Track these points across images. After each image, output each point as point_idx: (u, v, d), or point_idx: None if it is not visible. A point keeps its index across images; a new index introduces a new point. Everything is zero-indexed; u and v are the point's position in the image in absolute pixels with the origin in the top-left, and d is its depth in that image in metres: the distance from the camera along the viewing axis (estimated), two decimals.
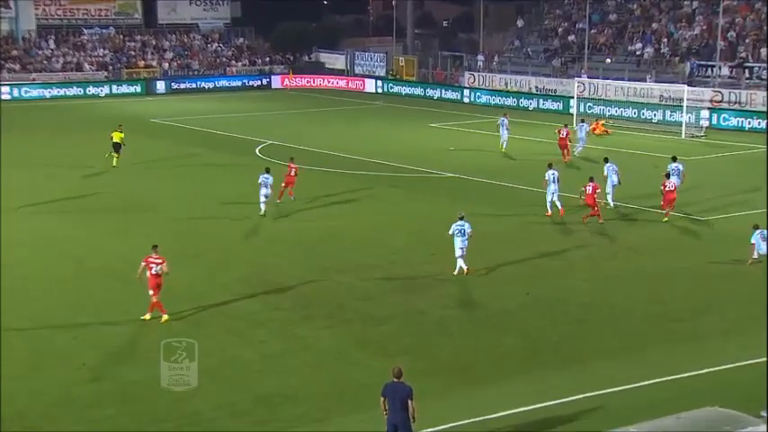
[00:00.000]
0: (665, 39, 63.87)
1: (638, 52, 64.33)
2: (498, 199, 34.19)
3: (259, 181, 31.12)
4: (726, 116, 52.73)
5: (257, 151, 44.44)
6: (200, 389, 17.16)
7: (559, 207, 30.72)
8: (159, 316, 20.84)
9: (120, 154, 39.90)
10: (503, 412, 16.36)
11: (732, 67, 57.98)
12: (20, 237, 28.04)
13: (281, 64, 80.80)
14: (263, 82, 77.77)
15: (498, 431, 15.96)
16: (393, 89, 73.00)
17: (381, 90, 73.50)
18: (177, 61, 77.59)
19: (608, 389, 17.30)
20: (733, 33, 60.21)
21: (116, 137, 40.15)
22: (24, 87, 68.15)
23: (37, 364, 18.63)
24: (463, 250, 24.20)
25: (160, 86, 73.18)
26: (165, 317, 20.80)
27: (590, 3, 66.90)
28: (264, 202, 31.12)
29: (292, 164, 33.39)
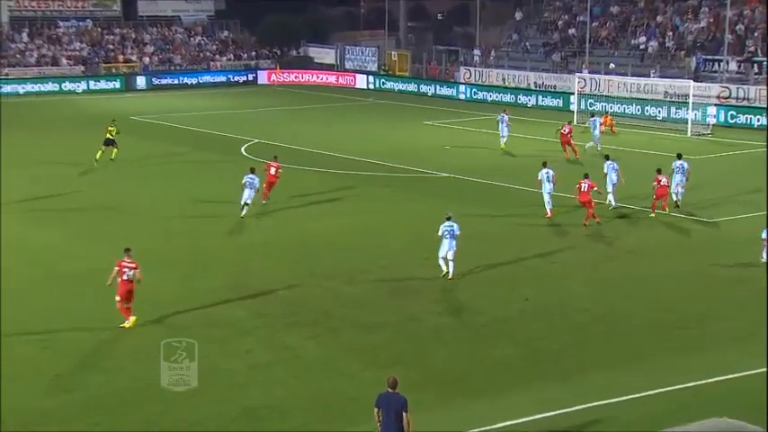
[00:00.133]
0: (670, 32, 64.02)
1: (641, 46, 64.47)
2: (495, 199, 34.22)
3: (243, 181, 30.76)
4: (733, 113, 52.85)
5: (243, 150, 44.39)
6: (182, 400, 17.12)
7: (548, 208, 30.79)
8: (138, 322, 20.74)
9: (107, 149, 40.29)
10: (500, 424, 16.33)
11: (740, 62, 58.15)
12: None
13: (268, 59, 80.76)
14: (249, 77, 77.75)
15: None
16: (385, 85, 73.03)
17: (373, 86, 73.51)
18: (158, 56, 77.46)
19: (610, 399, 17.28)
20: (741, 26, 60.35)
21: (110, 132, 40.65)
22: None
23: (7, 374, 18.50)
24: (452, 253, 24.14)
25: (140, 82, 73.05)
26: (133, 319, 20.70)
27: None
28: (247, 206, 30.71)
29: (273, 162, 33.00)
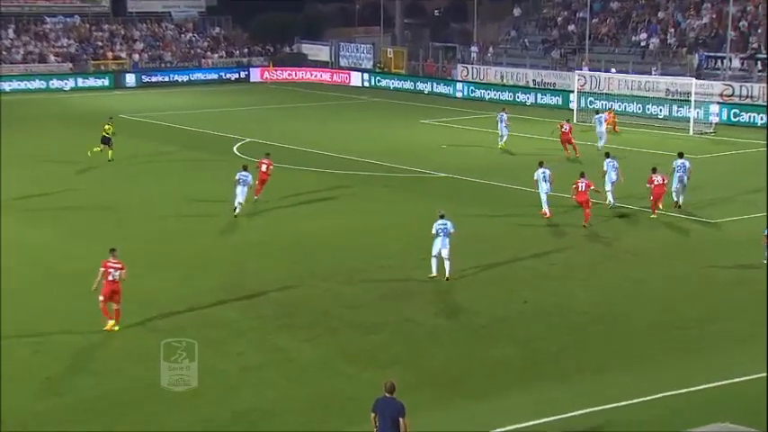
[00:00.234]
0: (672, 28, 64.24)
1: (642, 43, 64.67)
2: (493, 199, 34.36)
3: (236, 178, 31.09)
4: (736, 111, 53.05)
5: (235, 149, 44.47)
6: (175, 403, 17.25)
7: (546, 208, 31.00)
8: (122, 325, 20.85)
9: (108, 147, 40.71)
10: (499, 428, 16.42)
11: (743, 59, 58.34)
12: None
13: (261, 56, 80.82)
14: (242, 75, 77.79)
15: None
16: (381, 83, 73.12)
17: (368, 84, 73.61)
18: (148, 52, 77.46)
19: (610, 403, 17.37)
20: (744, 22, 60.59)
21: (106, 130, 40.99)
22: None
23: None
24: (446, 252, 24.24)
25: (130, 80, 73.10)
26: (111, 323, 20.79)
27: None
28: (240, 203, 31.12)
29: (265, 160, 33.33)
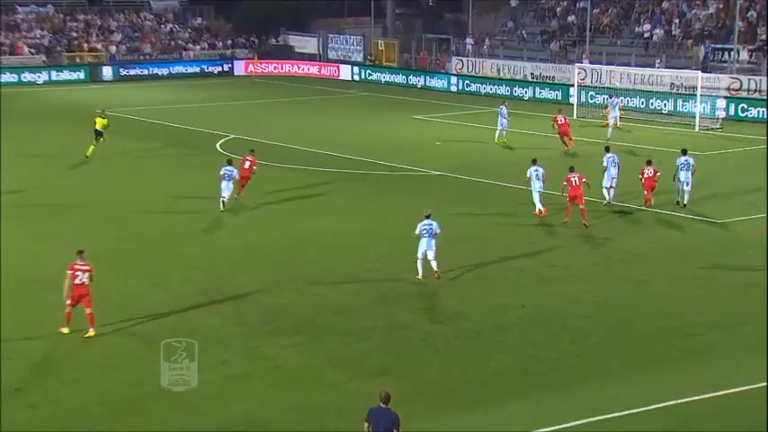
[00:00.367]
0: (677, 19, 64.33)
1: (646, 34, 64.76)
2: (490, 199, 34.37)
3: (221, 173, 31.62)
4: (744, 106, 53.14)
5: (218, 146, 44.45)
6: (156, 414, 17.21)
7: (540, 207, 31.10)
8: (85, 329, 20.79)
9: (98, 142, 40.77)
10: None
11: (752, 51, 58.44)
12: None
13: (245, 48, 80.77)
14: (225, 68, 77.77)
15: None
16: (371, 76, 73.13)
17: (358, 77, 73.64)
18: (126, 44, 77.36)
19: (611, 413, 17.36)
20: (753, 13, 60.68)
21: (98, 123, 41.01)
22: None
23: None
24: (432, 253, 24.41)
25: (107, 73, 73.00)
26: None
27: None
28: (226, 198, 31.66)
29: (249, 157, 33.63)
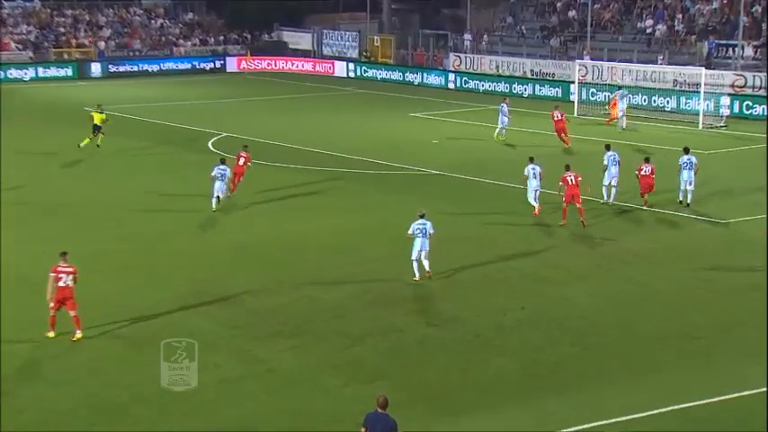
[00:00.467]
0: (680, 14, 64.40)
1: (648, 30, 64.83)
2: (490, 198, 34.46)
3: (213, 173, 31.72)
4: (749, 103, 53.20)
5: (210, 145, 44.47)
6: (146, 419, 17.26)
7: (536, 205, 31.24)
8: (72, 332, 20.87)
9: (94, 137, 41.25)
10: None
11: (756, 47, 58.51)
12: None
13: (238, 44, 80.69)
14: (217, 65, 77.75)
15: None
16: (367, 73, 73.16)
17: (354, 74, 73.64)
18: (115, 40, 77.29)
19: (613, 418, 17.42)
20: (758, 8, 60.75)
21: (96, 118, 41.49)
22: None
23: None
24: (425, 253, 24.59)
25: (95, 69, 72.98)
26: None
27: None
28: (218, 198, 31.75)
29: (243, 153, 33.73)
